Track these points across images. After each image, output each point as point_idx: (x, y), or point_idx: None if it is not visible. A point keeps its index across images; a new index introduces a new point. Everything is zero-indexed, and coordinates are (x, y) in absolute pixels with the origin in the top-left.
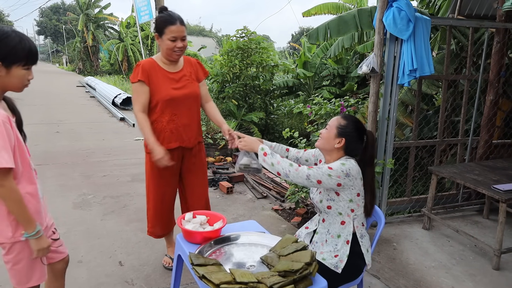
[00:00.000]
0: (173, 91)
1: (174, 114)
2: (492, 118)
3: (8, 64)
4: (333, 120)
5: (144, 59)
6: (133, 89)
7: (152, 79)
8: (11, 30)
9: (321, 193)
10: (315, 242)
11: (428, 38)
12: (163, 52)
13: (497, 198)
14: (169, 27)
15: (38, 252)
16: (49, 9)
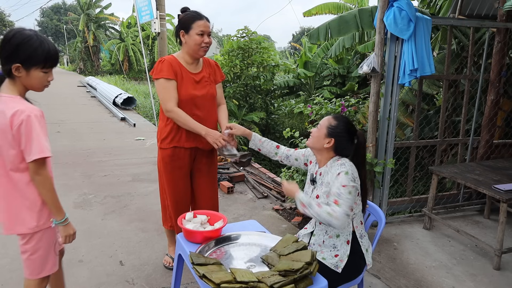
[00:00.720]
0: (193, 92)
1: (193, 114)
2: (493, 118)
3: (27, 66)
4: (324, 120)
5: (166, 55)
6: (159, 85)
7: (177, 77)
8: (34, 34)
9: (319, 197)
10: (312, 244)
11: (429, 38)
12: (190, 48)
13: (498, 198)
14: (197, 22)
15: (66, 238)
16: (50, 9)
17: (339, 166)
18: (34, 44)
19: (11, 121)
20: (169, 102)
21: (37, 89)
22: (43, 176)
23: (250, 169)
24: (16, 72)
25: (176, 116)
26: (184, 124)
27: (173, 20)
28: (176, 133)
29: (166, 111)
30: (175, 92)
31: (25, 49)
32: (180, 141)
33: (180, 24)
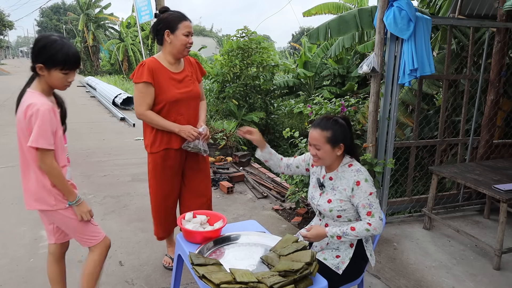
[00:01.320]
0: (178, 92)
1: (180, 114)
2: (492, 118)
3: (48, 66)
4: (315, 137)
5: (147, 59)
6: (137, 89)
7: (158, 79)
8: (58, 38)
9: (331, 202)
10: (315, 246)
11: (429, 37)
12: (175, 48)
13: (498, 198)
14: (183, 22)
15: (81, 216)
16: (50, 9)
17: (355, 173)
18: (56, 48)
19: (25, 112)
20: (142, 107)
21: (58, 87)
22: (47, 165)
23: (250, 169)
24: (40, 71)
25: (148, 119)
26: (157, 125)
27: None
28: (164, 136)
29: (139, 114)
30: (151, 98)
31: (47, 51)
32: (168, 143)
33: (164, 23)
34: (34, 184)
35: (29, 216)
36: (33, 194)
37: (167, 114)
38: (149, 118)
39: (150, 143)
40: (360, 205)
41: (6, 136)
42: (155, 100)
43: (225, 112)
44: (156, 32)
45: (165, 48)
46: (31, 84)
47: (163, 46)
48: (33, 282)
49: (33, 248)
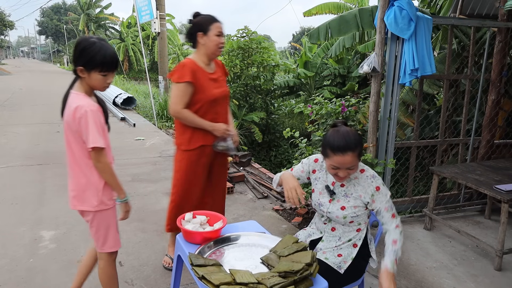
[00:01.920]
0: (215, 92)
1: (216, 113)
2: (494, 118)
3: (88, 68)
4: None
5: (185, 60)
6: (178, 88)
7: (198, 79)
8: (97, 41)
9: (345, 209)
10: (319, 249)
11: (430, 37)
12: (209, 49)
13: (499, 198)
14: (214, 23)
15: (124, 214)
16: (50, 9)
17: (372, 179)
18: (94, 50)
19: (73, 115)
20: (179, 105)
21: (98, 89)
22: (102, 163)
23: (250, 169)
24: (81, 73)
25: (184, 116)
26: (192, 122)
27: (173, 20)
28: (199, 133)
29: (175, 112)
30: (188, 97)
31: (87, 54)
32: (205, 139)
33: (197, 26)
34: (82, 184)
35: (29, 216)
36: (79, 194)
37: (204, 113)
38: (185, 116)
39: (186, 141)
40: (383, 209)
41: (5, 136)
42: (193, 100)
43: None
44: (190, 36)
45: (199, 50)
46: (74, 86)
47: (197, 48)
48: (33, 282)
49: (32, 248)
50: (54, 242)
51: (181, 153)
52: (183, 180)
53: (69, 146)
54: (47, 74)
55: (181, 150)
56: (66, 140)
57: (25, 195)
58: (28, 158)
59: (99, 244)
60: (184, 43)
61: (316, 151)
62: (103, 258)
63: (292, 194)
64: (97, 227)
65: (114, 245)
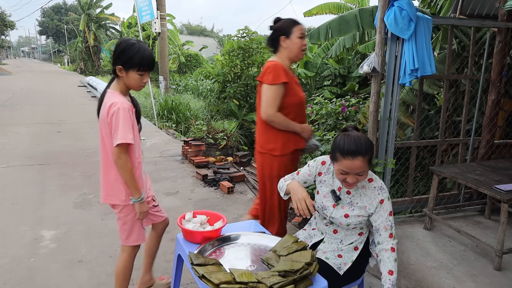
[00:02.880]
0: (302, 95)
1: (303, 116)
2: (493, 118)
3: (126, 68)
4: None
5: (270, 62)
6: (272, 91)
7: (289, 81)
8: (136, 42)
9: (348, 217)
10: (320, 250)
11: (430, 37)
12: (292, 52)
13: (499, 198)
14: (296, 26)
15: (139, 214)
16: (51, 9)
17: (379, 191)
18: (133, 51)
19: (107, 112)
20: (274, 108)
21: (134, 88)
22: (123, 159)
23: (250, 169)
24: (119, 73)
25: (278, 120)
26: (285, 125)
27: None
28: (291, 137)
29: (269, 115)
30: (280, 100)
31: (126, 54)
32: (297, 143)
33: (279, 30)
34: (113, 179)
35: (30, 216)
36: (110, 188)
37: (295, 117)
38: (279, 119)
39: (281, 146)
40: (382, 227)
41: (6, 136)
42: (282, 104)
43: (226, 112)
44: (272, 42)
45: (282, 54)
46: (111, 85)
47: (279, 52)
48: (33, 282)
49: (33, 248)
50: (55, 241)
51: (273, 159)
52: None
53: (103, 142)
54: (47, 74)
55: (272, 156)
56: (100, 136)
57: (25, 195)
58: (28, 158)
59: (123, 237)
60: (184, 43)
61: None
62: (126, 250)
63: (302, 205)
64: (123, 220)
65: (137, 240)
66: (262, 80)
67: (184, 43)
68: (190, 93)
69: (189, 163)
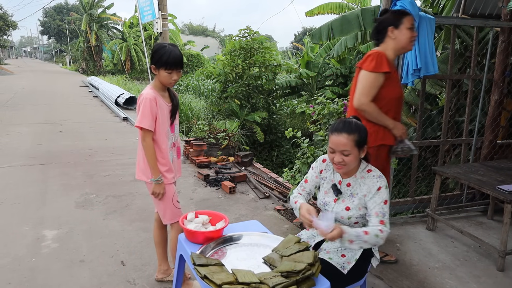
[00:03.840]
0: (400, 89)
1: (398, 113)
2: (496, 118)
3: (158, 67)
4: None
5: (374, 50)
6: (370, 78)
7: (391, 72)
8: (168, 45)
9: (350, 209)
10: (323, 249)
11: (432, 37)
12: (400, 44)
13: (502, 198)
14: (407, 16)
15: (154, 194)
16: (53, 9)
17: (377, 179)
18: (162, 52)
19: (138, 100)
20: (367, 97)
21: (166, 84)
22: (146, 142)
23: (252, 169)
24: (154, 71)
25: (371, 110)
26: (375, 117)
27: (175, 20)
28: (381, 130)
29: (361, 104)
30: (376, 90)
31: (157, 55)
32: (384, 138)
33: (387, 21)
34: (141, 159)
35: (32, 215)
36: (140, 166)
37: (388, 111)
38: (371, 109)
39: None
40: (374, 213)
41: (8, 135)
42: (379, 95)
43: (227, 112)
44: (377, 33)
45: (387, 45)
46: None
47: (383, 43)
48: (35, 282)
49: (35, 247)
50: (57, 241)
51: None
52: None
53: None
54: (49, 74)
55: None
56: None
57: (27, 195)
58: (30, 158)
59: (161, 216)
60: (186, 43)
61: (318, 151)
62: (171, 229)
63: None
64: (153, 199)
65: (172, 218)
66: (362, 66)
67: (185, 43)
68: (192, 93)
69: (190, 163)
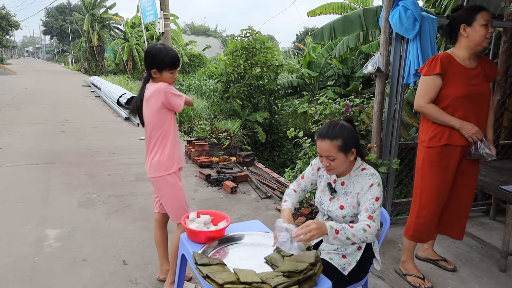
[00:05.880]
0: (469, 87)
1: (469, 111)
2: (499, 118)
3: (160, 70)
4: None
5: (441, 53)
6: (425, 82)
7: (449, 73)
8: (162, 47)
9: (344, 208)
10: (322, 249)
11: (435, 37)
12: (472, 41)
13: (504, 199)
14: (480, 12)
15: None
16: (55, 9)
17: (370, 177)
18: (163, 55)
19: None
20: (424, 99)
21: (171, 83)
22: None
23: (254, 169)
24: (154, 75)
25: (429, 112)
26: (437, 118)
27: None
28: (446, 130)
29: (419, 106)
30: (435, 92)
31: (157, 58)
32: (451, 138)
33: (459, 19)
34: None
35: (34, 215)
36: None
37: (454, 110)
38: (429, 111)
39: (429, 138)
40: (363, 208)
41: (11, 135)
42: (441, 96)
43: (229, 112)
44: (449, 32)
45: (460, 44)
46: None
47: (457, 42)
48: (38, 281)
49: (37, 246)
50: (59, 240)
51: (423, 150)
52: (424, 180)
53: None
54: (52, 73)
55: (423, 147)
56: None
57: (30, 194)
58: (33, 157)
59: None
60: (187, 43)
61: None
62: (178, 228)
63: None
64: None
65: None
66: (420, 71)
67: (187, 43)
68: (193, 93)
69: (192, 162)
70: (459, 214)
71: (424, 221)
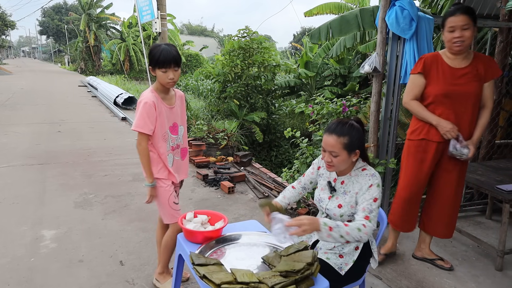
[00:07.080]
0: (450, 87)
1: (448, 108)
2: (495, 118)
3: (153, 67)
4: (331, 143)
5: (429, 53)
6: (410, 80)
7: (431, 72)
8: (162, 46)
9: (342, 207)
10: (319, 248)
11: (431, 37)
12: (446, 44)
13: (500, 198)
14: (449, 18)
15: (149, 198)
16: (51, 9)
17: (370, 177)
18: (155, 52)
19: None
20: (409, 96)
21: (164, 84)
22: (142, 146)
23: (251, 169)
24: (152, 72)
25: (411, 107)
26: (417, 114)
27: (174, 20)
28: (425, 126)
29: (404, 102)
30: (418, 89)
31: (152, 56)
32: (428, 134)
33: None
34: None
35: (30, 215)
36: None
37: (435, 108)
38: (412, 107)
39: (410, 131)
40: (361, 208)
41: (6, 135)
42: (424, 93)
43: (226, 112)
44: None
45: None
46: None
47: None
48: (34, 282)
49: (33, 247)
50: (55, 241)
51: (406, 141)
52: (401, 169)
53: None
54: (48, 74)
55: (406, 139)
56: None
57: (26, 195)
58: (29, 158)
59: (161, 216)
60: (184, 43)
61: (317, 151)
62: (169, 227)
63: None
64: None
65: (170, 219)
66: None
67: (184, 43)
68: (191, 93)
69: (189, 162)
70: (443, 211)
71: (396, 206)
